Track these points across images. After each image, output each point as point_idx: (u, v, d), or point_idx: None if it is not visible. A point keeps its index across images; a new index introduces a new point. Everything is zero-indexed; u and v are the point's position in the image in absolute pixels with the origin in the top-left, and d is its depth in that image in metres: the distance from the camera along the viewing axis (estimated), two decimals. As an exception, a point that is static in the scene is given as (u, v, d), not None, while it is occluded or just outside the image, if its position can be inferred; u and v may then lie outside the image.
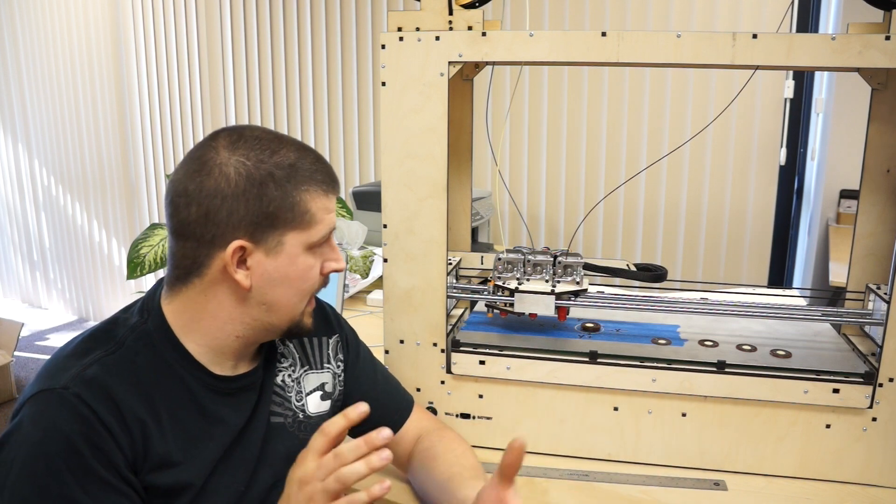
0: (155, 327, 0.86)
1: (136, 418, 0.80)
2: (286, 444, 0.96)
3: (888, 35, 0.94)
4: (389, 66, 1.06)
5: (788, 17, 2.23)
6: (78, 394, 0.77)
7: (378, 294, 1.91)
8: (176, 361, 0.86)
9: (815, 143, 2.56)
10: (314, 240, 0.87)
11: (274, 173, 0.83)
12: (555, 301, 1.13)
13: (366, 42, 3.17)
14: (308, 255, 0.87)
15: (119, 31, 3.76)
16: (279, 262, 0.85)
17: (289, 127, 3.40)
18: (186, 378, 0.86)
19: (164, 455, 0.82)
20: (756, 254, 2.63)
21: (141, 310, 0.89)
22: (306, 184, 0.85)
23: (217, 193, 0.82)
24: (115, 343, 0.84)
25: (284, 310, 0.88)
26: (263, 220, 0.83)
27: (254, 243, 0.83)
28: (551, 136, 2.83)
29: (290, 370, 1.00)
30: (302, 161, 0.86)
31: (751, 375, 1.05)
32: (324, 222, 0.87)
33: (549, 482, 1.07)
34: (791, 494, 1.04)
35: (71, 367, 0.80)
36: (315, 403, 1.02)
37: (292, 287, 0.87)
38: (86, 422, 0.76)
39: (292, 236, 0.85)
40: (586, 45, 1.01)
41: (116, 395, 0.79)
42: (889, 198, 1.15)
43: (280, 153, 0.85)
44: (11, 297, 4.73)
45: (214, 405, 0.88)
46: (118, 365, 0.82)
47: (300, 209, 0.85)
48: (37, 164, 4.29)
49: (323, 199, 0.87)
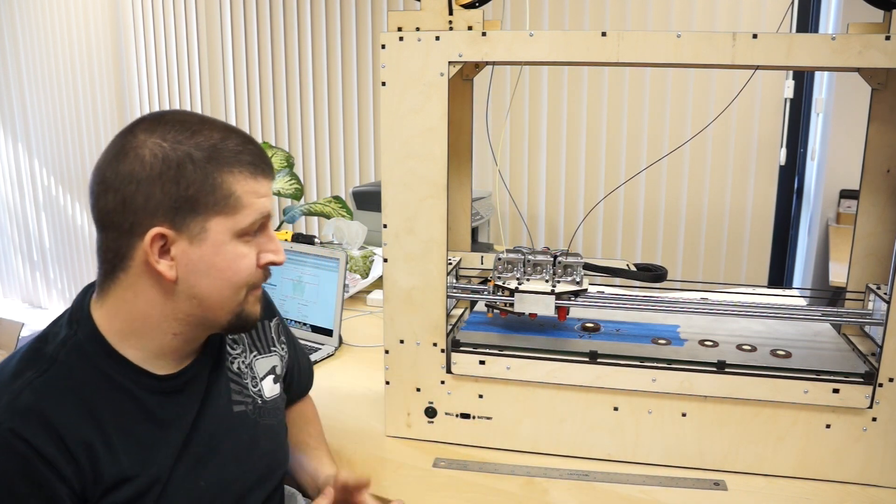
0: (86, 337, 0.80)
1: (80, 443, 0.75)
2: (249, 432, 0.94)
3: (888, 35, 0.94)
4: (389, 66, 1.06)
5: (788, 17, 2.23)
6: (11, 428, 0.71)
7: (378, 294, 1.91)
8: (115, 371, 0.80)
9: (815, 143, 2.56)
10: (242, 226, 0.80)
11: (192, 154, 0.77)
12: (555, 301, 1.13)
13: (366, 42, 3.17)
14: (238, 243, 0.80)
15: (119, 31, 3.76)
16: (204, 250, 0.79)
17: (289, 127, 3.41)
18: (129, 386, 0.81)
19: (118, 473, 0.78)
20: (756, 254, 2.63)
21: (70, 321, 0.82)
22: (230, 165, 0.79)
23: (132, 178, 0.76)
24: (46, 361, 0.78)
25: (216, 303, 0.81)
26: (183, 205, 0.77)
27: (175, 230, 0.77)
28: (551, 136, 2.83)
29: (242, 356, 0.97)
30: (226, 141, 0.79)
31: (751, 375, 1.05)
32: (252, 207, 0.80)
33: (549, 482, 1.07)
34: (791, 494, 1.04)
35: (1, 396, 0.74)
36: (269, 387, 1.00)
37: (221, 278, 0.80)
38: (22, 459, 0.71)
39: (217, 222, 0.78)
40: (586, 45, 1.01)
41: (55, 421, 0.73)
42: (889, 198, 1.15)
43: (202, 134, 0.79)
44: (11, 297, 4.73)
45: (163, 407, 0.83)
46: (53, 385, 0.76)
47: (223, 192, 0.78)
48: (37, 164, 4.29)
49: (250, 181, 0.80)
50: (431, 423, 1.17)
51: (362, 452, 1.16)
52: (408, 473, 1.10)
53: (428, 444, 1.18)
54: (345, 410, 1.30)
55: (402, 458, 1.14)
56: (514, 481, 1.08)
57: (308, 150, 3.39)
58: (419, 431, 1.18)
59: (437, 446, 1.17)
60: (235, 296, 0.83)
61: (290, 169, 2.74)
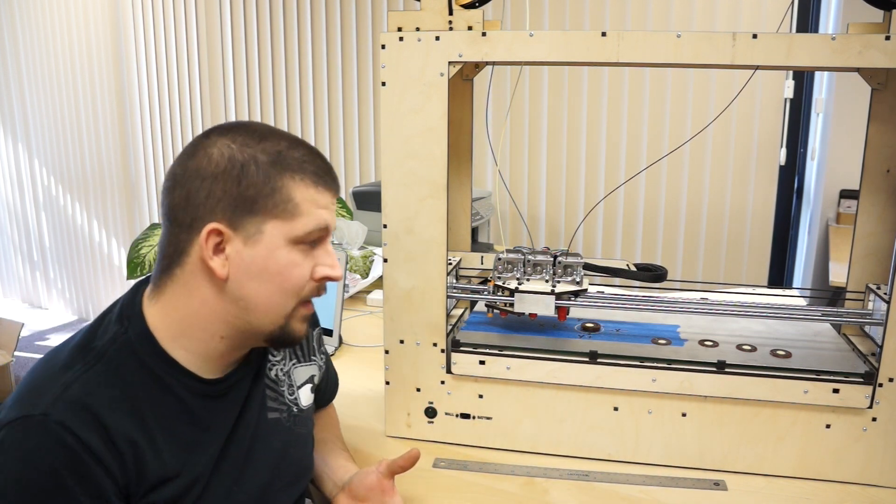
0: (136, 336, 0.81)
1: (126, 439, 0.75)
2: (282, 439, 0.95)
3: (888, 35, 0.94)
4: (389, 66, 1.06)
5: (788, 17, 2.23)
6: (61, 421, 0.71)
7: (378, 294, 1.91)
8: (162, 371, 0.81)
9: (815, 143, 2.56)
10: (298, 233, 0.80)
11: (257, 157, 0.79)
12: (555, 301, 1.13)
13: (366, 42, 3.17)
14: (292, 250, 0.80)
15: (119, 31, 3.76)
16: (257, 251, 0.79)
17: (289, 127, 3.40)
18: (175, 387, 0.81)
19: (161, 472, 0.78)
20: (756, 254, 2.63)
21: (120, 317, 0.83)
22: (292, 171, 0.80)
23: (198, 174, 0.78)
24: (94, 356, 0.78)
25: (263, 309, 0.81)
26: (242, 204, 0.78)
27: (231, 229, 0.78)
28: (551, 136, 2.83)
29: (281, 364, 0.98)
30: (292, 150, 0.81)
31: (751, 375, 1.05)
32: (311, 216, 0.80)
33: (549, 482, 1.07)
34: (791, 494, 1.04)
35: (50, 388, 0.74)
36: (306, 396, 1.01)
37: (271, 283, 0.80)
38: (71, 452, 0.71)
39: (273, 225, 0.79)
40: (586, 45, 1.01)
41: (103, 416, 0.74)
42: (889, 198, 1.15)
43: (270, 140, 0.80)
44: (11, 297, 4.73)
45: (206, 411, 0.84)
46: (101, 381, 0.76)
47: (282, 196, 0.79)
48: (37, 164, 4.29)
49: (311, 190, 0.80)
50: (431, 423, 1.17)
51: (362, 452, 1.16)
52: (408, 473, 1.10)
53: (428, 444, 1.18)
54: (345, 410, 1.30)
55: (402, 458, 1.14)
56: (514, 481, 1.08)
57: (308, 150, 3.39)
58: (419, 431, 1.18)
59: (437, 446, 1.17)
60: (283, 304, 0.82)
61: (290, 169, 2.74)
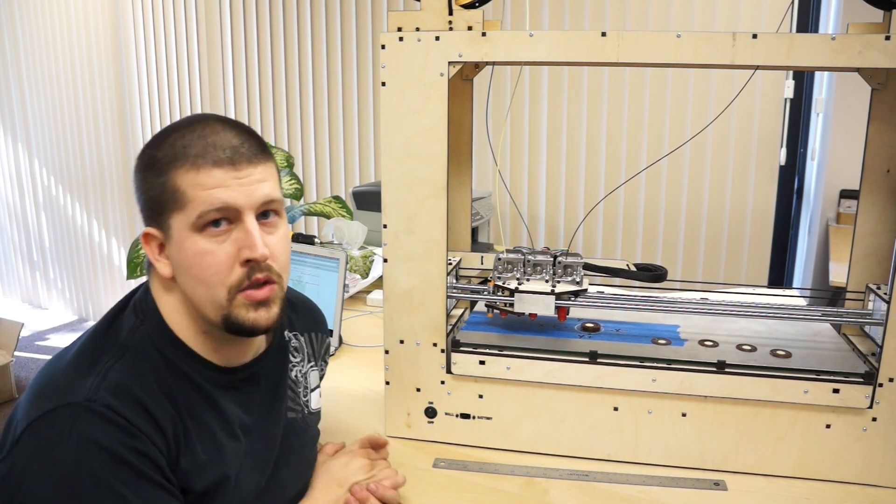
0: (153, 328, 0.82)
1: (168, 420, 0.77)
2: (300, 439, 0.98)
3: (888, 35, 0.94)
4: (389, 66, 1.06)
5: (788, 17, 2.23)
6: (108, 404, 0.73)
7: (378, 294, 1.91)
8: (181, 360, 0.82)
9: (815, 143, 2.56)
10: (192, 219, 0.78)
11: (155, 157, 0.80)
12: (555, 301, 1.13)
13: (366, 42, 3.17)
14: (198, 238, 0.79)
15: (119, 31, 3.76)
16: (173, 248, 0.81)
17: (289, 127, 3.41)
18: (194, 377, 0.83)
19: (195, 457, 0.80)
20: (756, 254, 2.63)
21: (136, 310, 0.84)
22: (177, 161, 0.79)
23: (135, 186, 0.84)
24: (118, 348, 0.79)
25: (199, 302, 0.81)
26: (152, 206, 0.81)
27: (159, 230, 0.81)
28: (551, 136, 2.83)
29: (300, 366, 1.00)
30: (181, 140, 0.79)
31: (751, 375, 1.05)
32: (197, 199, 0.78)
33: (549, 482, 1.07)
34: (791, 494, 1.04)
35: (85, 378, 0.75)
36: (315, 400, 1.04)
37: (190, 275, 0.80)
38: (125, 430, 0.73)
39: (175, 219, 0.79)
40: (586, 45, 1.01)
41: (144, 400, 0.76)
42: (889, 198, 1.15)
43: (172, 136, 0.80)
44: (11, 297, 4.73)
45: (224, 401, 0.85)
46: (133, 369, 0.78)
47: (170, 188, 0.79)
48: (37, 164, 4.29)
49: (192, 173, 0.78)
50: (431, 423, 1.17)
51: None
52: (408, 473, 1.10)
53: (428, 444, 1.18)
54: (345, 410, 1.30)
55: (402, 458, 1.14)
56: (514, 481, 1.08)
57: (308, 150, 3.39)
58: (419, 431, 1.18)
59: (437, 446, 1.17)
60: (212, 295, 0.80)
61: (290, 169, 2.73)
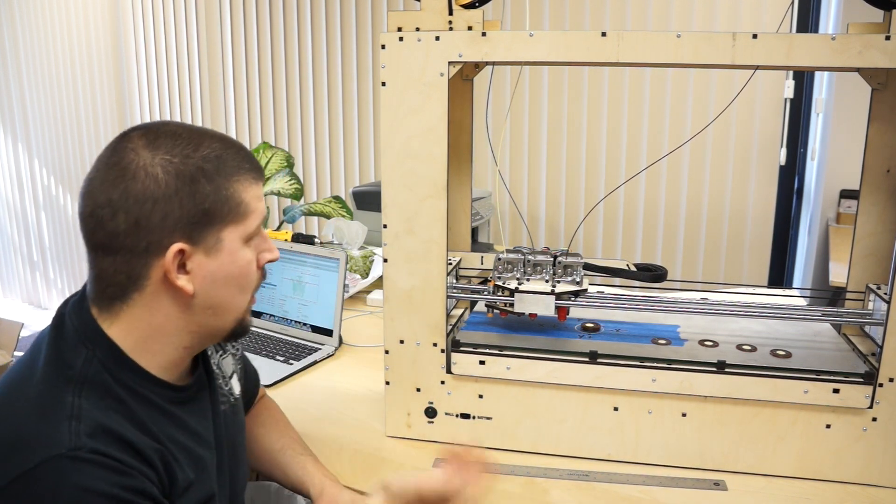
0: (106, 356, 0.78)
1: (152, 451, 0.76)
2: (233, 430, 0.96)
3: (888, 35, 0.94)
4: (389, 66, 1.06)
5: (788, 17, 2.23)
6: (94, 448, 0.70)
7: (378, 294, 1.91)
8: (141, 386, 0.80)
9: (815, 143, 2.56)
10: (251, 230, 0.82)
11: (203, 167, 0.78)
12: (555, 301, 1.13)
13: (366, 42, 3.17)
14: (246, 248, 0.83)
15: (119, 31, 3.76)
16: (221, 260, 0.80)
17: (289, 127, 3.40)
18: (156, 399, 0.81)
19: (184, 477, 0.80)
20: (756, 254, 2.63)
21: (81, 340, 0.79)
22: (236, 174, 0.81)
23: (147, 198, 0.75)
24: (76, 384, 0.75)
25: (230, 310, 0.84)
26: (201, 219, 0.78)
27: (192, 245, 0.78)
28: (551, 136, 2.83)
29: (213, 357, 0.98)
30: (228, 151, 0.81)
31: (751, 375, 1.05)
32: (258, 211, 0.83)
33: (549, 482, 1.07)
34: (791, 494, 1.04)
35: (56, 424, 0.71)
36: (237, 386, 1.02)
37: (236, 285, 0.83)
38: (118, 471, 0.71)
39: (230, 231, 0.80)
40: (586, 45, 1.01)
41: (125, 434, 0.74)
42: (889, 198, 1.15)
43: (203, 146, 0.80)
44: (12, 297, 4.73)
45: (187, 417, 0.85)
46: (100, 404, 0.75)
47: (234, 201, 0.80)
48: (37, 163, 4.29)
49: (254, 187, 0.83)
50: (431, 423, 1.17)
51: (362, 453, 1.16)
52: (408, 473, 1.10)
53: (428, 444, 1.18)
54: (345, 410, 1.30)
55: (402, 458, 1.14)
56: (514, 481, 1.08)
57: (308, 150, 3.39)
58: (419, 431, 1.18)
59: (437, 446, 1.17)
60: (245, 301, 0.85)
61: (290, 169, 2.73)
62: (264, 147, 2.79)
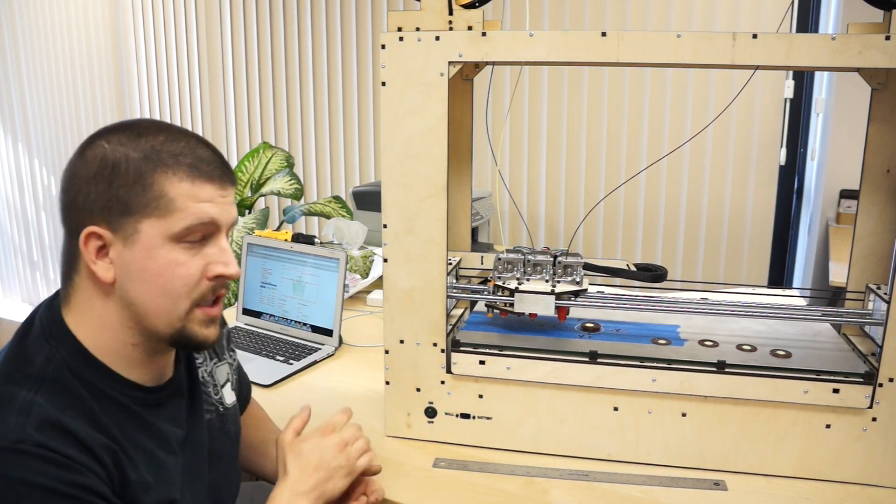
0: (69, 353, 0.78)
1: (103, 447, 0.74)
2: (217, 440, 0.95)
3: (888, 35, 0.94)
4: (389, 66, 1.06)
5: (788, 17, 2.23)
6: (38, 442, 0.69)
7: (378, 294, 1.91)
8: (104, 384, 0.79)
9: (815, 143, 2.56)
10: (175, 230, 0.77)
11: (130, 155, 0.76)
12: (555, 301, 1.13)
13: (366, 42, 3.17)
14: (174, 248, 0.78)
15: (119, 31, 3.76)
16: (136, 253, 0.77)
17: (289, 127, 3.41)
18: (121, 399, 0.80)
19: (140, 480, 0.78)
20: (756, 254, 2.63)
21: (46, 337, 0.79)
22: (165, 166, 0.77)
23: (77, 178, 0.77)
24: (34, 380, 0.75)
25: (153, 312, 0.79)
26: (115, 205, 0.76)
27: (111, 231, 0.76)
28: (551, 136, 2.83)
29: (204, 365, 0.98)
30: (169, 144, 0.78)
31: (751, 375, 1.05)
32: (188, 211, 0.77)
33: (549, 482, 1.07)
34: (791, 494, 1.04)
35: (5, 419, 0.71)
36: (228, 395, 1.01)
37: (153, 284, 0.78)
38: (63, 466, 0.70)
39: (149, 224, 0.77)
40: (586, 45, 1.01)
41: (75, 431, 0.72)
42: (889, 198, 1.15)
43: (147, 137, 0.78)
44: (12, 296, 4.73)
45: (155, 419, 0.83)
46: (54, 401, 0.74)
47: (154, 193, 0.76)
48: (37, 163, 4.29)
49: (186, 183, 0.77)
50: (431, 423, 1.17)
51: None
52: (408, 473, 1.10)
53: (428, 444, 1.18)
54: (345, 410, 1.30)
55: (402, 458, 1.14)
56: (514, 481, 1.08)
57: (308, 150, 3.39)
58: (419, 431, 1.18)
59: (437, 446, 1.17)
60: (173, 306, 0.79)
61: (290, 169, 2.73)
62: (264, 147, 2.79)
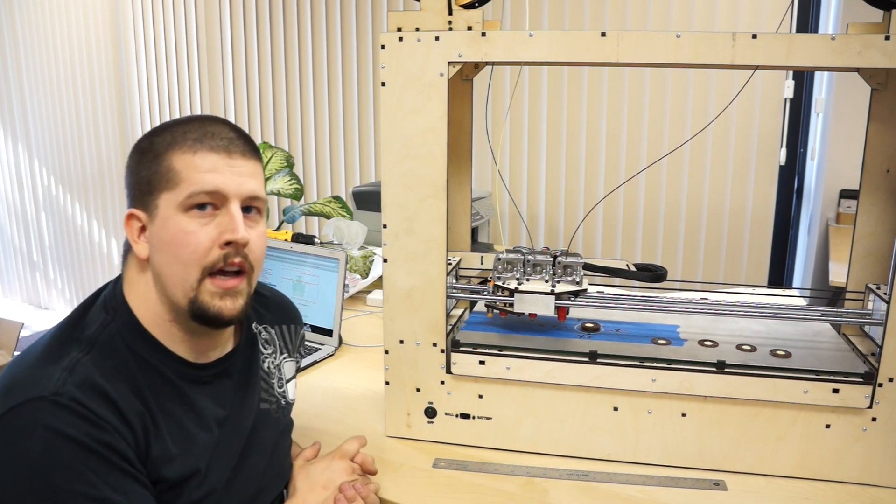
0: (123, 323, 0.84)
1: (135, 412, 0.79)
2: (273, 430, 0.99)
3: (888, 35, 0.94)
4: (389, 66, 1.06)
5: (788, 17, 2.23)
6: (74, 397, 0.74)
7: (378, 294, 1.91)
8: (151, 356, 0.84)
9: (815, 143, 2.56)
10: (181, 198, 0.82)
11: (154, 141, 0.85)
12: (555, 301, 1.13)
13: (366, 42, 3.17)
14: (182, 217, 0.83)
15: (119, 31, 3.76)
16: (156, 226, 0.84)
17: (289, 127, 3.41)
18: (166, 372, 0.85)
19: (164, 449, 0.81)
20: (756, 254, 2.63)
21: (106, 306, 0.86)
22: (175, 145, 0.84)
23: (126, 169, 0.88)
24: (86, 343, 0.81)
25: (171, 281, 0.84)
26: (142, 187, 0.84)
27: (145, 212, 0.84)
28: (551, 136, 2.83)
29: (272, 357, 1.02)
30: (182, 126, 0.86)
31: (751, 375, 1.05)
32: (190, 180, 0.82)
33: (549, 482, 1.07)
34: (791, 494, 1.04)
35: (50, 374, 0.76)
36: (292, 391, 1.06)
37: (168, 252, 0.83)
38: (92, 422, 0.74)
39: (164, 198, 0.83)
40: (586, 45, 1.01)
41: (111, 393, 0.77)
42: (889, 198, 1.15)
43: (174, 127, 0.86)
44: (12, 297, 4.73)
45: (196, 396, 0.88)
46: (100, 363, 0.79)
47: (165, 169, 0.83)
48: (37, 163, 4.29)
49: (188, 155, 0.83)
50: (431, 423, 1.17)
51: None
52: (408, 473, 1.10)
53: (428, 444, 1.18)
54: (345, 410, 1.30)
55: (402, 459, 1.14)
56: (514, 481, 1.08)
57: (308, 150, 3.39)
58: (419, 432, 1.18)
59: (437, 446, 1.17)
60: (186, 275, 0.83)
61: (290, 169, 2.73)
62: (264, 147, 2.79)
